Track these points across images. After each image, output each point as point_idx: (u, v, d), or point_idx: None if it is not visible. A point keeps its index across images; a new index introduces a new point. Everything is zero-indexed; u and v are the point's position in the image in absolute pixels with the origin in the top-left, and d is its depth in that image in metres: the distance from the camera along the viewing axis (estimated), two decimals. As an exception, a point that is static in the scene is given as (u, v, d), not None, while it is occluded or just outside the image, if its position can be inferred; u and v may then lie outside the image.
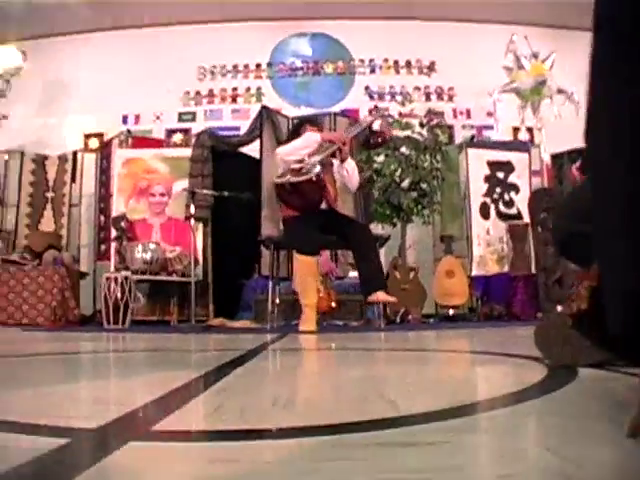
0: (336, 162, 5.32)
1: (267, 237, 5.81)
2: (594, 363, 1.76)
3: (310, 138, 5.24)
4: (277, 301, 5.87)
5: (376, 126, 5.09)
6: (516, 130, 8.52)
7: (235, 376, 2.01)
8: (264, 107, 7.77)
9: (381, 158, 7.24)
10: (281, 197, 5.28)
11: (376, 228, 6.90)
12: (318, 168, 5.09)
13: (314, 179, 5.09)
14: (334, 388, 1.83)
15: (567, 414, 1.19)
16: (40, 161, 8.18)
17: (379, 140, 5.81)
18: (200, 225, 7.03)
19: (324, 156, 5.18)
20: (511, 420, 1.18)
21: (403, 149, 7.24)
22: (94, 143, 8.96)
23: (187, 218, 6.65)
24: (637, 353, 0.83)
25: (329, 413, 1.29)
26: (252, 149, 7.74)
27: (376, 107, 8.98)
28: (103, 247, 7.68)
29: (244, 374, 2.09)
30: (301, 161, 5.12)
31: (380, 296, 5.08)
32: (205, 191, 6.21)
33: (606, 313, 0.80)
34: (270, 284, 5.63)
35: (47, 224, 7.98)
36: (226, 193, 5.65)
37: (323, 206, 5.27)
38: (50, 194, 8.09)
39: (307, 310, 5.10)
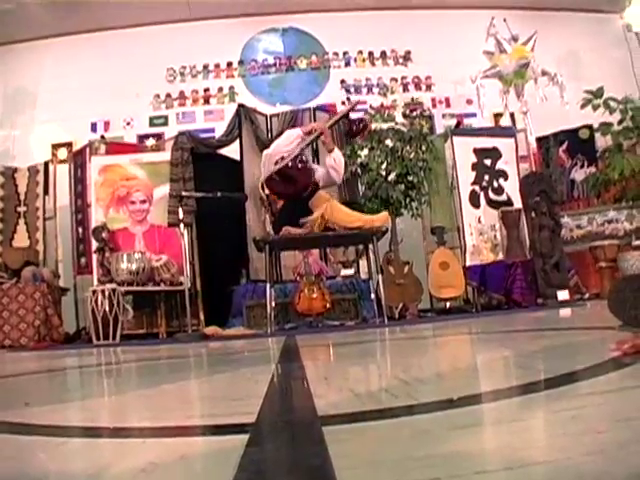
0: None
1: (262, 238, 5.53)
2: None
3: (291, 134, 5.33)
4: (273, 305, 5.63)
5: (354, 115, 5.32)
6: (497, 116, 8.40)
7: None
8: (241, 105, 7.54)
9: (365, 152, 7.05)
10: (273, 190, 5.28)
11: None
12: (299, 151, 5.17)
13: (300, 165, 5.14)
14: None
15: None
16: (9, 174, 7.72)
17: (360, 126, 5.86)
18: (185, 231, 6.73)
19: (306, 144, 5.29)
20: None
21: (388, 141, 7.06)
22: (63, 153, 8.57)
23: (173, 225, 6.36)
24: None
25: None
26: (229, 150, 7.49)
27: (348, 99, 8.78)
28: (83, 260, 7.29)
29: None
30: (284, 158, 5.16)
31: None
32: (196, 194, 5.86)
33: None
34: (268, 287, 5.38)
35: (21, 240, 7.54)
36: (219, 194, 5.35)
37: None
38: (22, 208, 7.65)
39: None
